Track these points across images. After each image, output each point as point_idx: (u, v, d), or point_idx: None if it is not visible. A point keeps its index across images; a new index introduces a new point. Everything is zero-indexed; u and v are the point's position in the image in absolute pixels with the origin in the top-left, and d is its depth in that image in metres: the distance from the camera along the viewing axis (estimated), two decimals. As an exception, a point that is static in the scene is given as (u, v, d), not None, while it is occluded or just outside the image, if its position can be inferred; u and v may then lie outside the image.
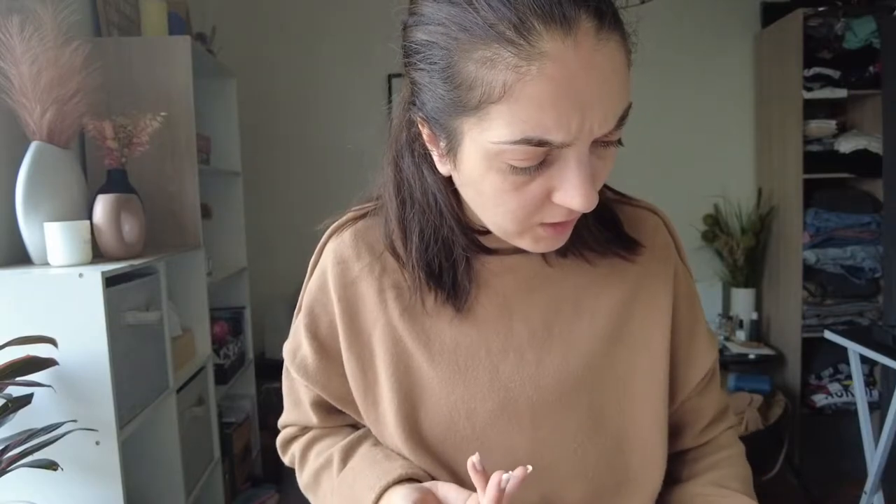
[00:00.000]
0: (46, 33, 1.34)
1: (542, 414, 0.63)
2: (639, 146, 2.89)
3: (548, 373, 0.64)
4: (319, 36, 2.88)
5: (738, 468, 0.71)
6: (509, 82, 0.45)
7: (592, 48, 0.45)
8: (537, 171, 0.50)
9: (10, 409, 1.16)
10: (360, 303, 0.67)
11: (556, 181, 0.50)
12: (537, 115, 0.46)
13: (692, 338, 0.69)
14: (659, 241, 0.68)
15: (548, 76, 0.44)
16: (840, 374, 2.73)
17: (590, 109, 0.46)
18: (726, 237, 2.88)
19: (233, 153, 2.39)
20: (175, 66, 1.77)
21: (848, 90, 2.58)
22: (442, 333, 0.65)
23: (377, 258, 0.67)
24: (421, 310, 0.65)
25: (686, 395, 0.70)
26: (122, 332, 1.35)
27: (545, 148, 0.47)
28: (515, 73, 0.45)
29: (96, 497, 1.28)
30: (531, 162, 0.49)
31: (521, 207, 0.52)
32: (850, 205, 2.67)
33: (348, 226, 0.70)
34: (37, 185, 1.35)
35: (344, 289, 0.67)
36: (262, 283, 2.69)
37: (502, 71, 0.45)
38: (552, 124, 0.46)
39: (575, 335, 0.64)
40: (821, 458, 2.72)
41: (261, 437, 2.54)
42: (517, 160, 0.49)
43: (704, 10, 2.94)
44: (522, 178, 0.50)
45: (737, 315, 2.91)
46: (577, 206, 0.50)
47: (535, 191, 0.51)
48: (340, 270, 0.67)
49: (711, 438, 0.73)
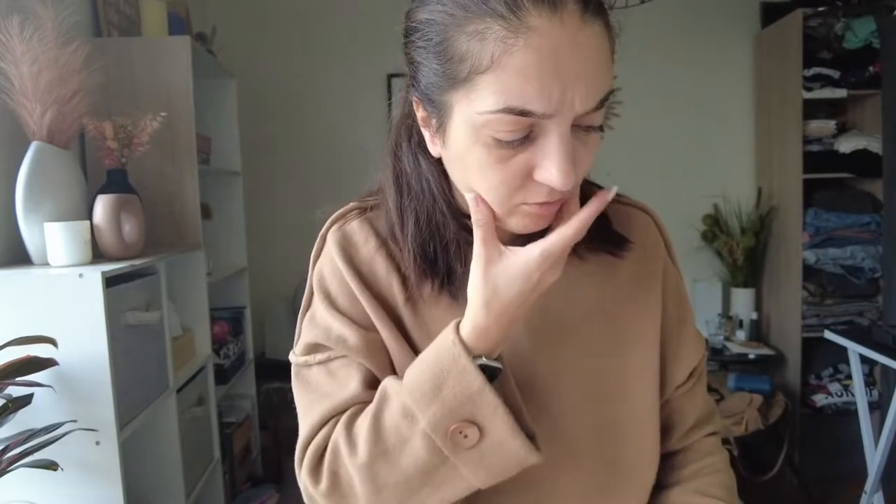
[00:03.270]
0: (46, 34, 1.34)
1: (538, 406, 0.63)
2: (639, 146, 2.91)
3: (543, 365, 0.64)
4: (319, 36, 2.88)
5: (721, 475, 0.72)
6: (497, 53, 0.48)
7: (577, 27, 0.48)
8: (521, 145, 0.51)
9: (10, 409, 1.16)
10: (374, 280, 0.66)
11: (538, 157, 0.51)
12: (521, 84, 0.48)
13: (679, 335, 0.70)
14: (649, 239, 0.70)
15: (533, 48, 0.47)
16: (840, 374, 2.73)
17: (572, 83, 0.48)
18: (726, 237, 2.88)
19: (233, 153, 2.39)
20: (175, 66, 1.77)
21: (848, 90, 2.59)
22: (442, 324, 0.64)
23: (383, 244, 0.67)
24: (420, 300, 0.65)
25: (670, 392, 0.71)
26: (122, 332, 1.35)
27: (528, 119, 0.49)
28: (504, 44, 0.48)
29: (96, 497, 1.28)
30: (514, 134, 0.50)
31: (503, 183, 0.53)
32: (850, 205, 2.67)
33: (353, 215, 0.70)
34: (37, 185, 1.35)
35: (357, 266, 0.66)
36: (262, 283, 2.68)
37: (492, 43, 0.48)
38: (534, 94, 0.48)
39: (569, 330, 0.65)
40: (821, 458, 2.72)
41: (261, 437, 2.54)
42: (501, 131, 0.50)
43: (704, 11, 2.94)
44: (506, 152, 0.51)
45: (737, 315, 2.91)
46: (556, 182, 0.51)
47: (517, 166, 0.52)
48: (351, 252, 0.66)
49: (695, 443, 0.74)
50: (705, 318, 2.88)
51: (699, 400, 0.73)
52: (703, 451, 0.73)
